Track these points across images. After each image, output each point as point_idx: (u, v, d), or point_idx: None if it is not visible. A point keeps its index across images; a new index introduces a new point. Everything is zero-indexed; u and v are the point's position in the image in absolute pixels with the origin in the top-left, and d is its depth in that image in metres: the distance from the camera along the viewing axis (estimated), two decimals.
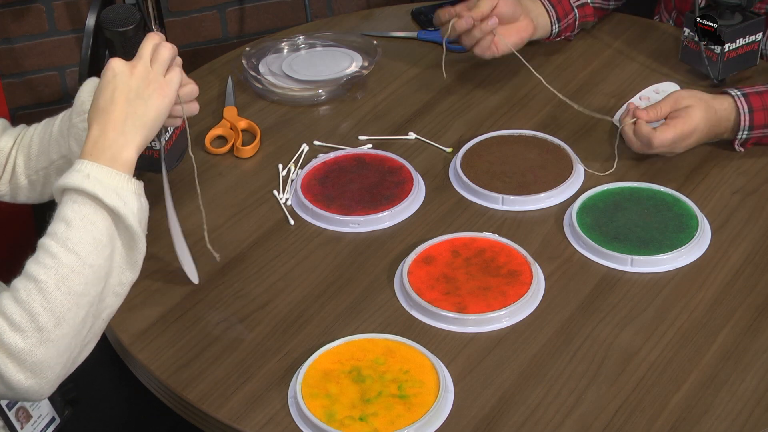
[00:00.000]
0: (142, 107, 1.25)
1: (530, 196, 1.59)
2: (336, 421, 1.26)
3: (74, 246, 1.16)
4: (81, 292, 1.16)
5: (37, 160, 1.45)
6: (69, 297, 1.15)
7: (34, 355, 1.14)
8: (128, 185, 1.21)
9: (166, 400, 1.37)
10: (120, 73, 1.26)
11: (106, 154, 1.22)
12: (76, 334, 1.17)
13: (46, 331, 1.14)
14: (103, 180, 1.19)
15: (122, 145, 1.23)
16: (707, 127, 1.61)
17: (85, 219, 1.17)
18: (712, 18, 1.72)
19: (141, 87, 1.26)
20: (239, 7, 2.84)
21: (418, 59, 1.95)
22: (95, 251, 1.17)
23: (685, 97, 1.62)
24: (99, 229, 1.18)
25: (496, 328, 1.40)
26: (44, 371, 1.15)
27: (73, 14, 2.68)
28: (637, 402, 1.29)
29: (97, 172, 1.20)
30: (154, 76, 1.27)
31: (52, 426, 1.46)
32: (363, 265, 1.51)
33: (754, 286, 1.44)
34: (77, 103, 1.41)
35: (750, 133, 1.63)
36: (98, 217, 1.18)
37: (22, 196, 1.49)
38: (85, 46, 1.80)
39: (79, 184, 1.18)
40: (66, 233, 1.17)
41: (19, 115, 2.76)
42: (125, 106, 1.24)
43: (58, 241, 1.17)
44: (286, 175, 1.68)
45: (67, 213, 1.18)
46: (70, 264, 1.16)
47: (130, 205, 1.20)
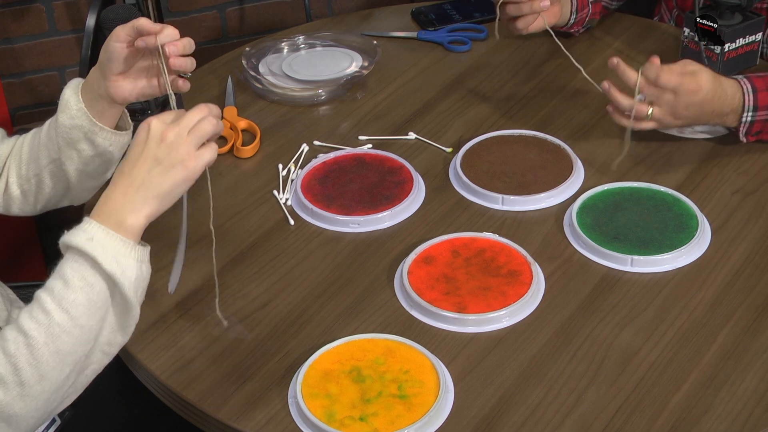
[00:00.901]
0: (160, 177, 1.21)
1: (530, 196, 1.59)
2: (336, 421, 1.26)
3: (68, 306, 1.17)
4: (68, 351, 1.17)
5: (27, 168, 1.45)
6: (56, 355, 1.17)
7: (11, 408, 1.16)
8: (131, 252, 1.20)
9: (166, 400, 1.37)
10: (152, 138, 1.21)
11: (112, 217, 1.20)
12: (57, 390, 1.19)
13: (27, 386, 1.16)
14: (105, 245, 1.18)
15: (130, 211, 1.21)
16: (712, 93, 1.58)
17: (83, 280, 1.18)
18: (712, 18, 1.72)
19: (166, 156, 1.21)
20: (239, 7, 2.84)
21: (418, 59, 1.95)
22: (88, 313, 1.18)
23: (692, 63, 1.60)
24: (96, 291, 1.18)
25: (496, 328, 1.40)
26: (19, 423, 1.17)
27: (73, 14, 2.68)
28: (637, 402, 1.29)
29: (101, 236, 1.19)
30: (185, 148, 1.21)
31: (52, 427, 1.46)
32: (363, 265, 1.51)
33: (754, 286, 1.44)
34: (62, 103, 1.41)
35: (755, 114, 1.61)
36: (96, 280, 1.18)
37: (15, 208, 1.49)
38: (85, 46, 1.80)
39: (82, 246, 1.18)
40: (62, 292, 1.17)
41: (19, 115, 2.76)
42: (145, 173, 1.21)
43: (54, 299, 1.17)
44: (286, 175, 1.68)
45: (67, 272, 1.18)
46: (61, 323, 1.17)
47: (128, 273, 1.19)
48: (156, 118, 1.23)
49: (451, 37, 2.00)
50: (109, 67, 1.37)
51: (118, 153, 1.45)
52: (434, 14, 2.06)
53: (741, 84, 1.61)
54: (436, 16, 2.05)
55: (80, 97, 1.40)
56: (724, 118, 1.62)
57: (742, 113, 1.61)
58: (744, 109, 1.61)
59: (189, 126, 1.23)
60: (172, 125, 1.22)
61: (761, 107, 1.61)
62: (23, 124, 2.75)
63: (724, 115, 1.62)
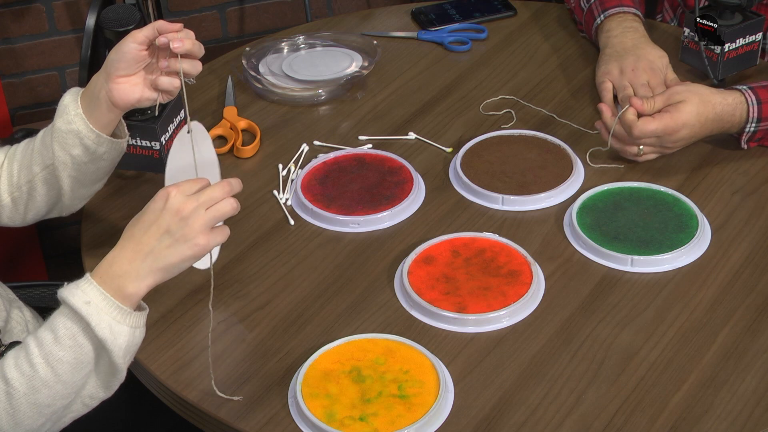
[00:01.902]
0: (168, 250, 1.20)
1: (530, 196, 1.59)
2: (336, 421, 1.26)
3: (55, 363, 1.18)
4: (47, 404, 1.19)
5: (19, 175, 1.45)
6: (34, 407, 1.18)
7: None
8: (126, 319, 1.20)
9: (166, 400, 1.37)
10: (168, 209, 1.20)
11: (115, 281, 1.20)
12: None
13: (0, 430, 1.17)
14: (101, 310, 1.18)
15: (133, 279, 1.20)
16: (701, 122, 1.59)
17: (72, 339, 1.18)
18: (712, 18, 1.72)
19: (179, 230, 1.20)
20: (239, 7, 2.84)
21: (418, 59, 1.95)
22: (73, 371, 1.19)
23: (680, 92, 1.60)
24: (84, 353, 1.19)
25: (496, 328, 1.40)
26: None
27: (73, 14, 2.67)
28: (637, 402, 1.29)
29: (99, 300, 1.18)
30: (199, 227, 1.21)
31: None
32: (363, 265, 1.51)
33: (754, 286, 1.44)
34: (60, 108, 1.40)
35: (758, 125, 1.62)
36: (85, 342, 1.19)
37: (4, 217, 1.48)
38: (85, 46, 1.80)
39: (78, 308, 1.18)
40: (51, 347, 1.18)
41: (19, 115, 2.75)
42: (155, 242, 1.20)
43: (42, 353, 1.18)
44: (286, 175, 1.68)
45: (59, 327, 1.19)
46: (44, 378, 1.18)
47: (119, 341, 1.19)
48: (176, 188, 1.22)
49: (451, 37, 2.00)
50: (116, 67, 1.37)
51: (111, 161, 1.45)
52: (434, 14, 2.06)
53: (746, 96, 1.61)
54: (436, 16, 2.05)
55: (79, 103, 1.40)
56: (726, 131, 1.64)
57: (745, 124, 1.62)
58: (748, 120, 1.61)
59: (208, 203, 1.22)
60: (191, 199, 1.21)
61: (765, 118, 1.61)
62: (23, 124, 2.75)
63: (725, 130, 1.64)
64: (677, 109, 1.59)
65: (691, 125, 1.59)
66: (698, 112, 1.59)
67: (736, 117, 1.61)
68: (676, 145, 1.62)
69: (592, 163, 1.65)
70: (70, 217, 1.58)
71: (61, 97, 1.43)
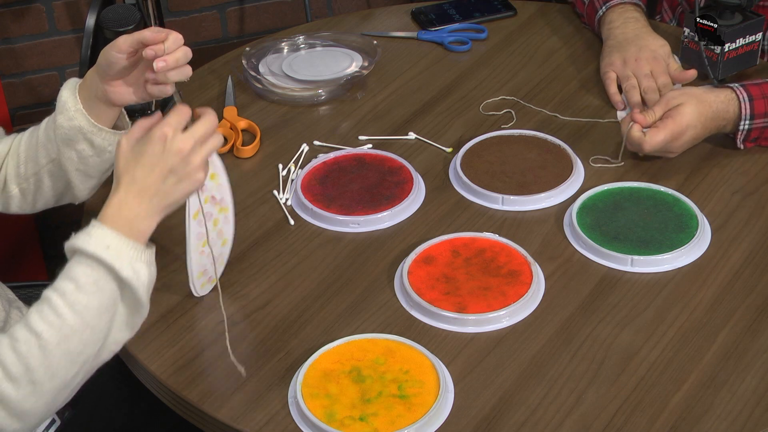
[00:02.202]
0: (173, 188, 1.24)
1: (530, 196, 1.59)
2: (336, 421, 1.26)
3: (81, 310, 1.19)
4: (79, 351, 1.20)
5: (26, 167, 1.45)
6: (66, 355, 1.19)
7: (23, 405, 1.18)
8: (142, 256, 1.22)
9: (166, 400, 1.37)
10: (169, 150, 1.23)
11: (127, 224, 1.22)
12: (65, 387, 1.21)
13: (39, 384, 1.18)
14: (121, 251, 1.20)
15: (144, 218, 1.23)
16: (702, 122, 1.60)
17: (95, 285, 1.20)
18: (712, 18, 1.72)
19: (182, 168, 1.24)
20: (239, 7, 2.84)
21: (418, 59, 1.95)
22: (99, 315, 1.20)
23: (676, 96, 1.62)
24: (106, 296, 1.21)
25: (496, 328, 1.40)
26: (30, 418, 1.20)
27: (73, 14, 2.67)
28: (637, 402, 1.29)
29: (117, 243, 1.20)
30: (198, 162, 1.25)
31: (53, 427, 1.46)
32: (363, 265, 1.51)
33: (754, 286, 1.44)
34: (59, 104, 1.41)
35: (752, 123, 1.62)
36: (108, 286, 1.21)
37: (14, 206, 1.49)
38: (85, 46, 1.80)
39: (98, 253, 1.20)
40: (75, 296, 1.19)
41: (19, 115, 2.75)
42: (160, 183, 1.23)
43: (66, 302, 1.19)
44: (286, 175, 1.68)
45: (79, 276, 1.20)
46: (74, 326, 1.19)
47: (142, 277, 1.22)
48: (170, 128, 1.24)
49: (451, 37, 2.00)
50: (106, 72, 1.38)
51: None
52: (434, 14, 2.06)
53: (737, 93, 1.62)
54: (436, 16, 2.05)
55: (78, 98, 1.40)
56: (723, 129, 1.65)
57: (739, 122, 1.62)
58: (741, 118, 1.62)
59: (203, 139, 1.26)
60: (188, 137, 1.24)
61: (758, 115, 1.62)
62: (23, 124, 2.75)
63: (721, 128, 1.64)
64: (678, 112, 1.59)
65: (693, 126, 1.60)
66: (698, 112, 1.60)
67: (730, 113, 1.62)
68: (680, 150, 1.63)
69: (594, 163, 1.65)
70: (70, 216, 1.58)
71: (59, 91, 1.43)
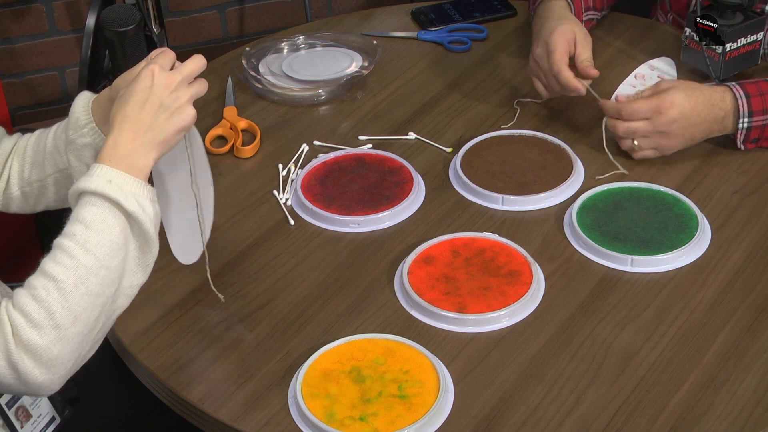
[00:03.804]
0: (165, 123, 1.26)
1: (530, 196, 1.59)
2: (336, 421, 1.26)
3: (93, 248, 1.19)
4: (97, 292, 1.19)
5: (31, 172, 1.45)
6: (86, 297, 1.18)
7: (50, 352, 1.17)
8: (144, 192, 1.23)
9: (166, 400, 1.37)
10: (158, 85, 1.26)
11: (125, 161, 1.23)
12: (89, 332, 1.20)
13: (63, 328, 1.17)
14: (123, 186, 1.21)
15: (141, 154, 1.24)
16: (690, 104, 1.60)
17: (103, 222, 1.20)
18: (713, 18, 1.72)
19: (171, 103, 1.26)
20: (239, 7, 2.84)
21: (418, 59, 1.95)
22: (111, 254, 1.20)
23: (665, 82, 1.63)
24: (115, 232, 1.21)
25: (496, 328, 1.40)
26: (58, 367, 1.18)
27: (73, 14, 2.68)
28: (637, 402, 1.29)
29: (118, 178, 1.22)
30: (186, 97, 1.27)
31: (52, 425, 1.46)
32: (363, 265, 1.51)
33: (754, 286, 1.44)
34: (72, 119, 1.40)
35: (750, 120, 1.62)
36: (115, 221, 1.21)
37: (14, 207, 1.49)
38: (85, 46, 1.80)
39: (101, 189, 1.20)
40: (85, 235, 1.19)
41: (19, 115, 2.76)
42: (152, 118, 1.25)
43: (77, 243, 1.19)
44: (286, 175, 1.68)
45: (86, 216, 1.20)
46: (88, 265, 1.18)
47: (147, 211, 1.22)
48: (157, 65, 1.27)
49: (451, 37, 2.00)
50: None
51: None
52: (434, 14, 2.06)
53: (732, 89, 1.62)
54: (436, 16, 2.05)
55: (90, 113, 1.40)
56: (723, 124, 1.63)
57: (738, 119, 1.62)
58: (740, 115, 1.62)
59: (189, 78, 1.29)
60: (176, 73, 1.27)
61: (756, 112, 1.61)
62: (23, 124, 2.75)
63: (720, 120, 1.62)
64: (666, 92, 1.61)
65: (681, 105, 1.59)
66: (687, 95, 1.60)
67: (726, 102, 1.61)
68: (673, 131, 1.61)
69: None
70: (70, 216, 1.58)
71: (71, 102, 1.42)
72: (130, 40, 1.59)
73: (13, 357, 1.16)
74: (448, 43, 1.98)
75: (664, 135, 1.61)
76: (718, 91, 1.62)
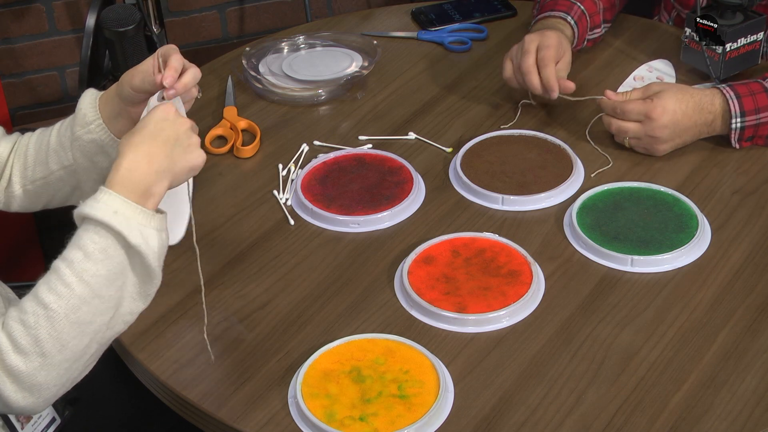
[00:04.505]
0: (181, 157, 1.25)
1: (530, 196, 1.59)
2: (336, 421, 1.26)
3: (89, 278, 1.17)
4: (88, 321, 1.18)
5: (34, 170, 1.45)
6: (76, 326, 1.17)
7: (34, 378, 1.16)
8: (151, 222, 1.21)
9: (166, 400, 1.37)
10: (172, 120, 1.26)
11: (137, 187, 1.21)
12: (77, 359, 1.19)
13: (49, 356, 1.16)
14: (129, 217, 1.19)
15: (153, 182, 1.23)
16: (681, 108, 1.61)
17: (103, 252, 1.18)
18: (712, 18, 1.72)
19: (185, 138, 1.26)
20: (239, 7, 2.84)
21: (418, 59, 1.95)
22: (107, 284, 1.19)
23: (656, 85, 1.65)
24: (115, 263, 1.19)
25: (496, 328, 1.40)
26: (42, 392, 1.18)
27: (73, 14, 2.68)
28: (637, 402, 1.29)
29: (125, 209, 1.19)
30: (196, 140, 1.28)
31: (52, 426, 1.46)
32: (363, 265, 1.51)
33: (754, 286, 1.44)
34: (79, 115, 1.40)
35: (743, 120, 1.62)
36: (116, 252, 1.19)
37: (15, 205, 1.49)
38: (85, 46, 1.80)
39: (107, 220, 1.18)
40: (83, 264, 1.18)
41: (19, 115, 2.76)
42: (168, 149, 1.24)
43: (74, 271, 1.18)
44: (286, 175, 1.68)
45: (87, 244, 1.18)
46: (82, 295, 1.17)
47: (151, 244, 1.21)
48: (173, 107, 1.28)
49: (451, 37, 2.00)
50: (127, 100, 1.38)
51: None
52: (434, 14, 2.06)
53: (722, 91, 1.63)
54: (436, 16, 2.05)
55: (98, 110, 1.39)
56: (712, 126, 1.65)
57: (730, 119, 1.62)
58: (732, 116, 1.62)
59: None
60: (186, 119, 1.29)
61: (748, 112, 1.62)
62: (23, 124, 2.75)
63: (709, 123, 1.65)
64: (657, 95, 1.62)
65: (672, 111, 1.61)
66: (677, 99, 1.62)
67: (716, 105, 1.63)
68: (665, 136, 1.62)
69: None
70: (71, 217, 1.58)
71: (71, 102, 1.42)
72: (130, 40, 1.59)
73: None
74: (448, 43, 1.98)
75: (655, 139, 1.63)
76: (708, 94, 1.64)
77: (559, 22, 1.83)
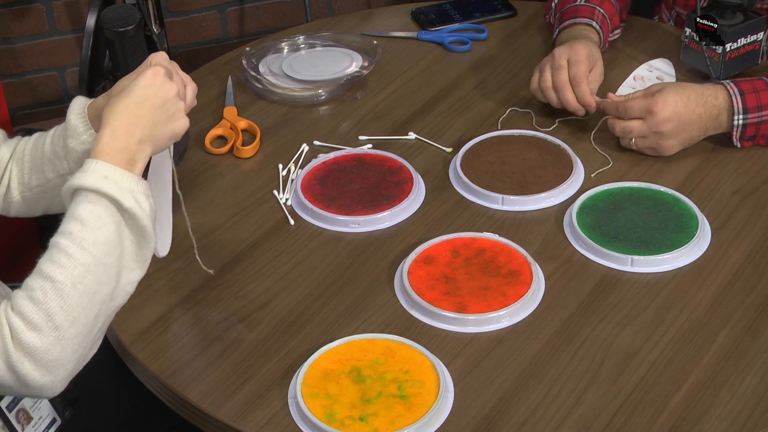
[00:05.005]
0: (164, 123, 1.26)
1: (530, 196, 1.59)
2: (336, 421, 1.27)
3: (90, 246, 1.18)
4: (95, 290, 1.18)
5: (30, 177, 1.45)
6: (84, 296, 1.17)
7: (50, 354, 1.16)
8: (139, 187, 1.22)
9: (166, 400, 1.37)
10: (159, 85, 1.26)
11: (122, 155, 1.23)
12: (88, 332, 1.19)
13: (62, 329, 1.16)
14: (119, 182, 1.21)
15: (138, 149, 1.24)
16: (685, 104, 1.61)
17: (99, 219, 1.19)
18: (712, 18, 1.72)
19: (171, 104, 1.27)
20: (239, 7, 2.84)
21: (418, 59, 1.95)
22: (107, 251, 1.19)
23: (656, 85, 1.65)
24: (111, 230, 1.20)
25: (496, 328, 1.40)
26: (58, 368, 1.18)
27: (73, 14, 2.68)
28: (637, 402, 1.29)
29: (113, 174, 1.21)
30: (183, 105, 1.29)
31: (53, 427, 1.46)
32: (363, 265, 1.51)
33: (754, 286, 1.44)
34: (69, 127, 1.39)
35: (746, 117, 1.62)
36: (110, 218, 1.20)
37: (14, 211, 1.49)
38: (85, 46, 1.80)
39: (98, 186, 1.19)
40: (82, 233, 1.18)
41: (19, 115, 2.76)
42: (151, 115, 1.25)
43: (74, 241, 1.18)
44: (286, 175, 1.68)
45: (82, 213, 1.19)
46: (85, 263, 1.18)
47: (143, 206, 1.22)
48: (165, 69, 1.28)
49: (451, 37, 2.00)
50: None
51: None
52: (434, 14, 2.06)
53: (726, 87, 1.63)
54: (436, 16, 2.05)
55: (89, 122, 1.39)
56: (718, 121, 1.64)
57: (733, 117, 1.62)
58: (735, 112, 1.62)
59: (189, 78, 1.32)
60: (177, 77, 1.29)
61: (751, 109, 1.62)
62: (23, 124, 2.75)
63: (714, 117, 1.63)
64: (658, 92, 1.62)
65: (673, 104, 1.60)
66: (678, 92, 1.61)
67: (720, 100, 1.62)
68: (669, 131, 1.62)
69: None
70: None
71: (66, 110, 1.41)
72: (130, 40, 1.59)
73: (13, 360, 1.15)
74: (448, 43, 1.98)
75: (660, 135, 1.62)
76: (711, 88, 1.63)
77: (585, 29, 1.82)
